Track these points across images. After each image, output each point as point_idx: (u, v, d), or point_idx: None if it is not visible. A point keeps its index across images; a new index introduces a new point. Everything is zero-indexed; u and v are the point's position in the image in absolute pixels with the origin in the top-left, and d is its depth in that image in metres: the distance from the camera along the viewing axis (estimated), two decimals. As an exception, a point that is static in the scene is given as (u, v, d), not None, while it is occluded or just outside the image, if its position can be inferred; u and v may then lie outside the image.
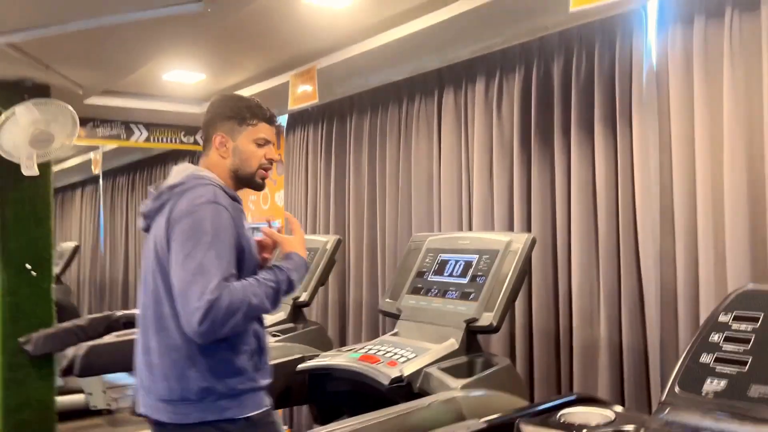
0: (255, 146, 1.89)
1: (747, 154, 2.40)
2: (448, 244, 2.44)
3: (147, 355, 1.81)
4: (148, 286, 1.83)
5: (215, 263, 1.66)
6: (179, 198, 1.76)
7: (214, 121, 1.90)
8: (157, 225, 1.81)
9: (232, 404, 1.75)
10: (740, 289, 1.62)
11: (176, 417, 1.76)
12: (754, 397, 1.37)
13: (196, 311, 1.61)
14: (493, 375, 1.95)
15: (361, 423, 1.57)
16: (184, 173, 1.84)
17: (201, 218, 1.70)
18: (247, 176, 1.90)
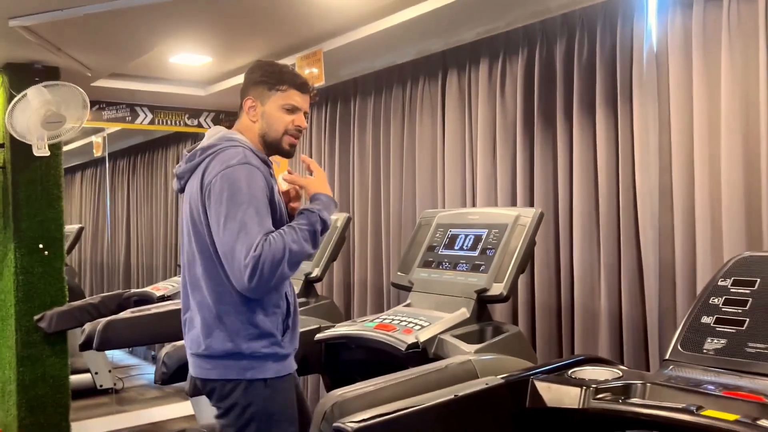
0: (283, 112, 1.93)
1: (743, 134, 2.50)
2: (458, 219, 2.54)
3: (187, 312, 1.91)
4: (186, 247, 1.91)
5: (255, 220, 1.73)
6: (212, 160, 1.83)
7: (246, 86, 1.97)
8: (190, 186, 1.88)
9: (254, 365, 1.82)
10: (738, 255, 1.73)
11: (201, 372, 1.85)
12: (752, 353, 1.49)
13: (245, 269, 1.68)
14: (503, 341, 2.06)
15: (384, 382, 1.67)
16: (216, 135, 1.91)
17: (236, 179, 1.76)
18: (274, 141, 1.95)
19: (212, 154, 1.85)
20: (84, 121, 3.87)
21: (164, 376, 2.40)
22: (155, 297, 3.75)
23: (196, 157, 1.89)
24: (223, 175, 1.78)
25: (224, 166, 1.79)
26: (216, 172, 1.80)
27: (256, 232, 1.72)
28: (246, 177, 1.78)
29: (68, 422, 3.99)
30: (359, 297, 4.19)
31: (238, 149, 1.84)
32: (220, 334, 1.81)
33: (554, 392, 1.51)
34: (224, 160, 1.81)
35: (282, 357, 1.88)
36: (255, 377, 1.83)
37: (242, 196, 1.75)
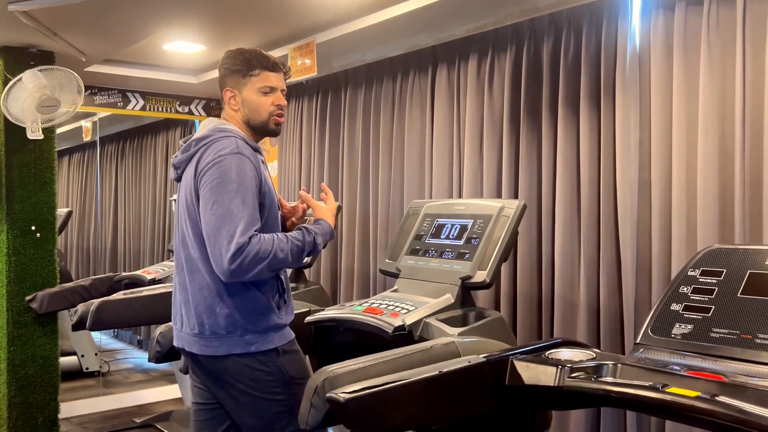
0: (261, 95, 2.01)
1: (719, 132, 2.61)
2: (445, 209, 2.64)
3: (184, 293, 2.00)
4: (178, 231, 2.01)
5: (241, 209, 1.83)
6: (205, 149, 1.93)
7: (223, 77, 2.05)
8: (186, 175, 1.99)
9: (257, 339, 1.94)
10: (708, 248, 1.84)
11: (207, 350, 1.95)
12: (715, 338, 1.60)
13: (225, 252, 1.78)
14: (485, 325, 2.16)
15: (373, 360, 1.76)
16: (209, 126, 2.01)
17: (226, 168, 1.86)
18: (260, 125, 2.04)
19: (206, 144, 1.96)
20: (78, 105, 3.92)
21: (158, 354, 2.48)
22: (146, 280, 3.82)
23: (191, 148, 2.00)
24: (214, 164, 1.88)
25: (216, 156, 1.89)
26: (208, 161, 1.90)
27: (240, 220, 1.81)
28: (236, 166, 1.88)
29: (57, 402, 4.05)
30: (346, 284, 4.28)
31: (231, 139, 1.94)
32: (222, 312, 1.91)
33: (532, 371, 1.62)
34: (217, 149, 1.91)
35: (281, 327, 2.00)
36: (260, 349, 1.94)
37: (231, 184, 1.85)
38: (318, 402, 1.65)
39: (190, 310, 1.98)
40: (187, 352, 2.03)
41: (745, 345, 1.55)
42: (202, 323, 1.94)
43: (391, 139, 4.03)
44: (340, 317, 2.35)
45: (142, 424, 4.03)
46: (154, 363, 2.51)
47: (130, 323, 4.28)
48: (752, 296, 1.63)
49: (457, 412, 1.59)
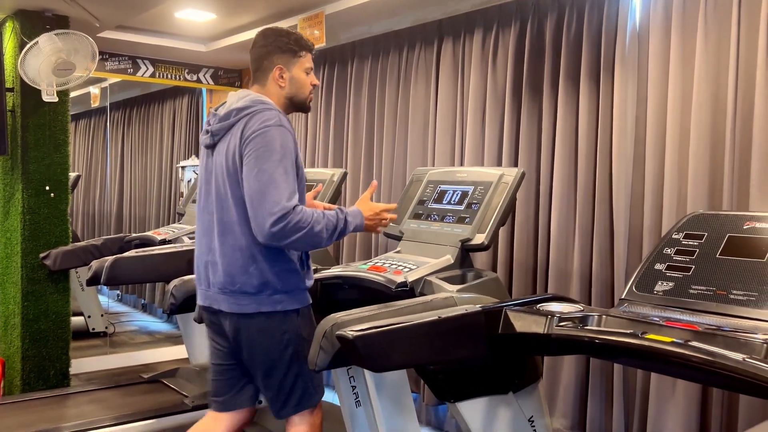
0: (305, 75, 2.21)
1: (712, 109, 2.73)
2: (448, 176, 2.76)
3: (211, 254, 2.13)
4: (213, 195, 2.12)
5: (284, 177, 1.97)
6: (249, 119, 2.05)
7: (271, 55, 2.18)
8: (227, 142, 2.10)
9: (284, 298, 2.09)
10: (692, 213, 1.97)
11: (236, 307, 2.09)
12: (694, 294, 1.74)
13: (270, 215, 1.92)
14: (482, 284, 2.30)
15: (378, 309, 1.90)
16: (247, 98, 2.12)
17: (272, 138, 2.00)
18: (301, 101, 2.22)
19: (249, 114, 2.08)
20: (92, 70, 4.02)
21: (173, 306, 2.62)
22: (156, 240, 3.96)
23: (231, 117, 2.12)
24: (260, 133, 2.02)
25: (263, 126, 2.03)
26: (255, 129, 2.03)
27: (284, 189, 1.95)
28: (280, 137, 2.02)
29: (68, 356, 4.21)
30: (348, 251, 4.42)
31: (273, 112, 2.09)
32: (255, 271, 2.06)
33: (523, 320, 1.76)
34: (262, 120, 2.05)
35: (303, 290, 2.16)
36: (286, 308, 2.10)
37: (276, 153, 1.99)
38: (327, 345, 1.79)
39: (218, 270, 2.11)
40: (214, 310, 2.17)
41: (719, 300, 1.69)
42: (234, 282, 2.08)
43: (396, 110, 4.14)
44: (345, 275, 2.49)
45: (149, 380, 4.18)
46: (169, 314, 2.65)
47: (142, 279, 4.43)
48: (730, 257, 1.76)
49: (453, 355, 1.73)
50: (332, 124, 4.60)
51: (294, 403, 2.17)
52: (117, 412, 3.59)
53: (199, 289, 2.23)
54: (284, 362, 2.12)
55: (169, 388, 4.09)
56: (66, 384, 4.19)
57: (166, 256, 3.41)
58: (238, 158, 2.05)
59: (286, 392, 2.15)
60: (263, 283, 2.06)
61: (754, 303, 1.63)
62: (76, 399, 3.94)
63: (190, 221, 4.18)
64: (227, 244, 2.09)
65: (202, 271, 2.20)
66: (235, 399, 2.28)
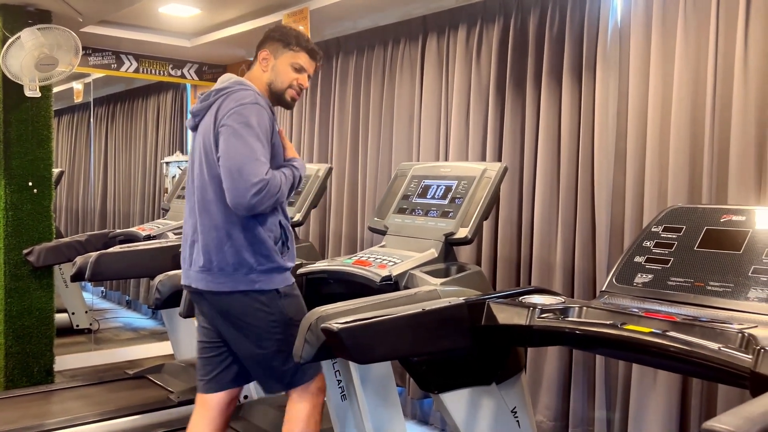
0: (291, 69, 2.23)
1: (691, 104, 2.77)
2: (431, 171, 2.79)
3: (194, 234, 2.16)
4: (194, 176, 2.16)
5: (261, 151, 2.01)
6: (225, 98, 2.10)
7: (264, 41, 2.26)
8: (204, 122, 2.15)
9: (261, 278, 2.10)
10: (671, 206, 2.01)
11: (213, 285, 2.11)
12: (672, 285, 1.77)
13: (251, 187, 1.95)
14: (466, 277, 2.32)
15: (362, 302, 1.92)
16: (228, 80, 2.18)
17: (247, 114, 2.04)
18: (278, 91, 2.24)
19: (225, 93, 2.13)
20: (75, 65, 4.00)
21: (158, 301, 2.63)
22: (141, 236, 3.95)
23: (210, 98, 2.18)
24: (236, 111, 2.06)
25: (237, 104, 2.07)
26: (229, 107, 2.07)
27: (262, 162, 2.00)
28: (256, 114, 2.06)
29: (52, 353, 4.20)
30: (333, 246, 4.43)
31: (249, 91, 2.13)
32: (229, 249, 2.08)
33: (506, 312, 1.79)
34: (237, 98, 2.09)
35: (284, 269, 2.18)
36: (263, 288, 2.11)
37: (251, 129, 2.02)
38: (311, 338, 1.81)
39: (199, 249, 2.14)
40: (193, 289, 2.18)
41: (697, 291, 1.72)
42: (210, 260, 2.11)
43: (381, 106, 4.15)
44: (330, 269, 2.50)
45: (134, 376, 4.18)
46: (154, 309, 2.65)
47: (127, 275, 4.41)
48: (707, 249, 1.80)
49: (437, 347, 1.75)
50: (317, 119, 4.60)
51: (287, 381, 2.19)
52: (101, 408, 3.59)
53: (183, 267, 2.25)
54: (270, 343, 2.13)
55: (154, 384, 4.09)
56: (50, 381, 4.17)
57: (150, 251, 3.41)
58: (213, 137, 2.09)
59: (276, 373, 2.17)
60: (239, 261, 2.08)
61: (730, 294, 1.67)
62: (60, 395, 3.93)
63: (174, 217, 4.17)
64: (205, 222, 2.12)
65: (187, 251, 2.22)
66: (221, 377, 2.28)
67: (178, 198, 4.29)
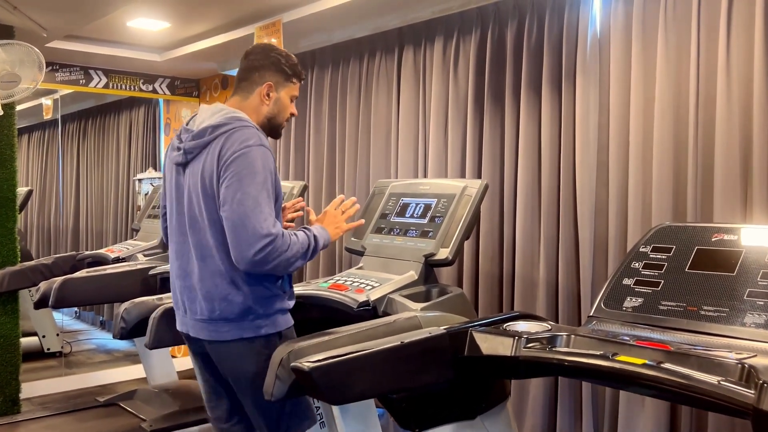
0: (290, 101, 2.12)
1: (674, 116, 2.70)
2: (410, 189, 2.68)
3: (187, 279, 2.00)
4: (186, 216, 2.00)
5: (267, 201, 1.87)
6: (228, 138, 1.93)
7: (264, 69, 2.07)
8: (202, 161, 1.97)
9: (266, 323, 1.98)
10: (659, 225, 1.92)
11: (216, 335, 1.98)
12: (664, 310, 1.68)
13: (255, 243, 1.81)
14: (447, 300, 2.22)
15: (338, 334, 1.81)
16: (222, 114, 2.00)
17: (253, 159, 1.89)
18: (277, 125, 2.14)
19: (226, 132, 1.95)
20: (39, 82, 3.84)
21: (123, 331, 2.49)
22: (110, 258, 3.80)
23: (206, 135, 1.98)
24: (242, 154, 1.89)
25: (243, 146, 1.91)
26: (234, 150, 1.91)
27: (268, 214, 1.86)
28: (262, 158, 1.91)
29: (18, 381, 4.02)
30: (312, 264, 4.31)
31: (252, 130, 1.97)
32: (236, 298, 1.94)
33: (490, 342, 1.68)
34: (242, 139, 1.92)
35: (285, 312, 2.05)
36: (268, 332, 1.99)
37: (258, 176, 1.88)
38: (283, 374, 1.69)
39: (196, 296, 1.99)
40: (192, 337, 2.05)
41: (690, 317, 1.63)
42: (213, 309, 1.96)
43: (358, 120, 4.06)
44: (305, 294, 2.39)
45: (106, 403, 4.02)
46: (119, 339, 2.52)
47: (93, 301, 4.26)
48: (699, 271, 1.72)
49: (418, 382, 1.64)
50: (293, 135, 4.50)
51: (284, 429, 2.07)
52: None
53: (177, 312, 2.13)
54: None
55: (126, 412, 3.94)
56: (16, 411, 3.99)
57: (118, 275, 3.27)
58: (216, 180, 1.93)
59: (274, 418, 2.05)
60: (245, 309, 1.96)
61: (725, 319, 1.58)
62: (26, 427, 3.76)
63: (145, 237, 4.03)
64: (206, 269, 1.97)
65: (179, 296, 2.09)
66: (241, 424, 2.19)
67: (149, 218, 4.15)
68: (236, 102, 2.08)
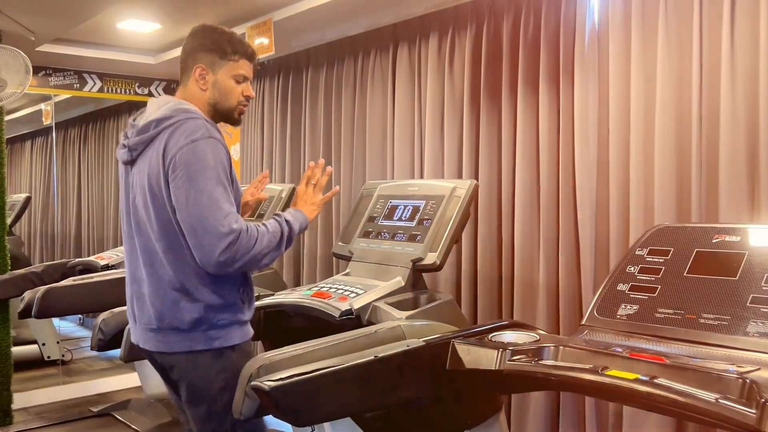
0: (234, 82, 1.91)
1: (676, 110, 2.57)
2: (398, 190, 2.57)
3: (136, 285, 1.87)
4: (134, 219, 1.86)
5: (224, 196, 1.72)
6: (173, 132, 1.78)
7: (195, 51, 1.89)
8: (147, 159, 1.82)
9: (220, 334, 1.82)
10: (656, 226, 1.80)
11: (164, 346, 1.83)
12: (660, 318, 1.56)
13: (218, 243, 1.67)
14: (435, 308, 2.10)
15: (313, 346, 1.69)
16: (167, 106, 1.85)
17: (202, 153, 1.74)
18: (226, 111, 1.93)
19: (171, 126, 1.80)
20: (26, 86, 3.78)
21: (101, 342, 2.39)
22: (99, 266, 3.71)
23: (151, 129, 1.83)
24: (189, 149, 1.75)
25: (189, 140, 1.76)
26: (181, 145, 1.76)
27: (228, 209, 1.72)
28: (212, 151, 1.76)
29: (10, 391, 3.94)
30: (309, 268, 4.22)
31: (199, 122, 1.81)
32: (186, 306, 1.79)
33: (473, 354, 1.56)
34: (187, 133, 1.77)
35: (244, 323, 1.89)
36: (222, 345, 1.83)
37: (209, 170, 1.73)
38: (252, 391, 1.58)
39: (145, 304, 1.85)
40: (143, 349, 1.92)
41: (689, 325, 1.51)
42: (161, 318, 1.82)
43: (353, 120, 3.96)
44: (287, 302, 2.28)
45: (99, 414, 3.94)
46: (97, 351, 2.42)
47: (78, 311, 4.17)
48: (698, 275, 1.59)
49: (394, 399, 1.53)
50: (288, 137, 4.40)
51: None
52: (58, 453, 3.35)
53: (129, 322, 1.98)
54: (220, 405, 1.87)
55: (119, 422, 3.85)
56: (8, 422, 3.91)
57: (104, 284, 3.17)
58: (163, 179, 1.77)
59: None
60: (197, 319, 1.80)
61: (727, 328, 1.45)
62: (16, 439, 3.68)
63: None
64: (154, 275, 1.83)
65: (131, 305, 1.94)
66: None
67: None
68: (180, 93, 1.93)
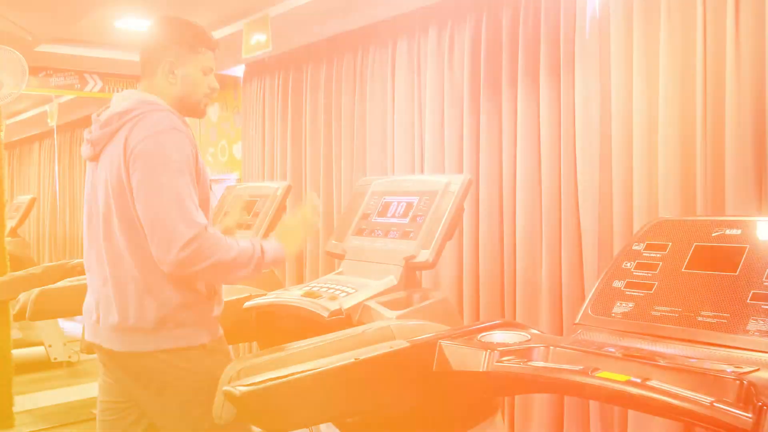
0: (201, 75, 1.86)
1: (680, 102, 2.49)
2: (392, 186, 2.51)
3: (102, 284, 1.80)
4: (97, 215, 1.80)
5: (187, 191, 1.65)
6: (134, 125, 1.72)
7: (161, 45, 1.84)
8: (109, 154, 1.77)
9: (186, 333, 1.76)
10: (654, 220, 1.72)
11: (129, 345, 1.77)
12: (656, 316, 1.48)
13: (179, 238, 1.60)
14: (428, 307, 2.04)
15: (298, 348, 1.64)
16: (131, 99, 1.79)
17: (165, 146, 1.67)
18: (193, 104, 1.88)
19: (133, 118, 1.73)
20: (23, 87, 3.76)
21: (90, 344, 2.34)
22: (97, 267, 3.67)
23: (113, 123, 1.76)
24: (151, 141, 1.68)
25: (151, 132, 1.69)
26: (142, 137, 1.69)
27: (191, 205, 1.65)
28: (176, 144, 1.70)
29: (11, 394, 3.91)
30: (312, 265, 4.17)
31: (163, 113, 1.75)
32: (151, 304, 1.74)
33: (460, 355, 1.50)
34: (150, 125, 1.71)
35: (212, 321, 1.84)
36: (190, 344, 1.78)
37: (172, 163, 1.67)
38: (232, 394, 1.52)
39: (111, 302, 1.79)
40: (104, 349, 1.86)
41: (686, 324, 1.43)
42: (126, 317, 1.76)
43: (353, 116, 3.91)
44: (276, 302, 2.23)
45: (101, 415, 3.90)
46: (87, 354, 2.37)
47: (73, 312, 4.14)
48: (697, 270, 1.51)
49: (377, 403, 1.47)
50: (289, 134, 4.35)
51: None
52: (57, 456, 3.32)
53: (87, 321, 1.89)
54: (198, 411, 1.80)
55: (120, 425, 3.80)
56: (9, 425, 3.89)
57: (99, 285, 3.13)
58: (125, 173, 1.71)
59: None
60: (162, 317, 1.74)
61: (726, 326, 1.38)
62: (15, 443, 3.66)
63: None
64: (118, 273, 1.77)
65: (92, 302, 1.86)
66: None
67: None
68: (145, 86, 1.87)
